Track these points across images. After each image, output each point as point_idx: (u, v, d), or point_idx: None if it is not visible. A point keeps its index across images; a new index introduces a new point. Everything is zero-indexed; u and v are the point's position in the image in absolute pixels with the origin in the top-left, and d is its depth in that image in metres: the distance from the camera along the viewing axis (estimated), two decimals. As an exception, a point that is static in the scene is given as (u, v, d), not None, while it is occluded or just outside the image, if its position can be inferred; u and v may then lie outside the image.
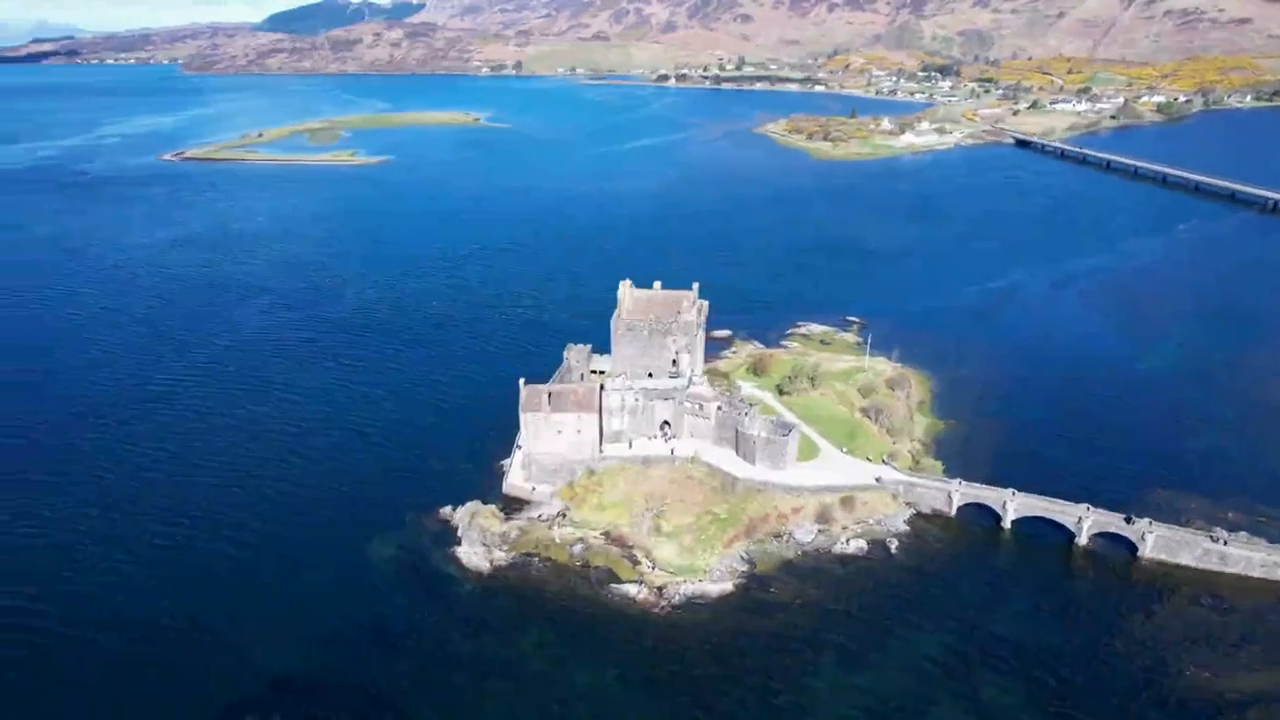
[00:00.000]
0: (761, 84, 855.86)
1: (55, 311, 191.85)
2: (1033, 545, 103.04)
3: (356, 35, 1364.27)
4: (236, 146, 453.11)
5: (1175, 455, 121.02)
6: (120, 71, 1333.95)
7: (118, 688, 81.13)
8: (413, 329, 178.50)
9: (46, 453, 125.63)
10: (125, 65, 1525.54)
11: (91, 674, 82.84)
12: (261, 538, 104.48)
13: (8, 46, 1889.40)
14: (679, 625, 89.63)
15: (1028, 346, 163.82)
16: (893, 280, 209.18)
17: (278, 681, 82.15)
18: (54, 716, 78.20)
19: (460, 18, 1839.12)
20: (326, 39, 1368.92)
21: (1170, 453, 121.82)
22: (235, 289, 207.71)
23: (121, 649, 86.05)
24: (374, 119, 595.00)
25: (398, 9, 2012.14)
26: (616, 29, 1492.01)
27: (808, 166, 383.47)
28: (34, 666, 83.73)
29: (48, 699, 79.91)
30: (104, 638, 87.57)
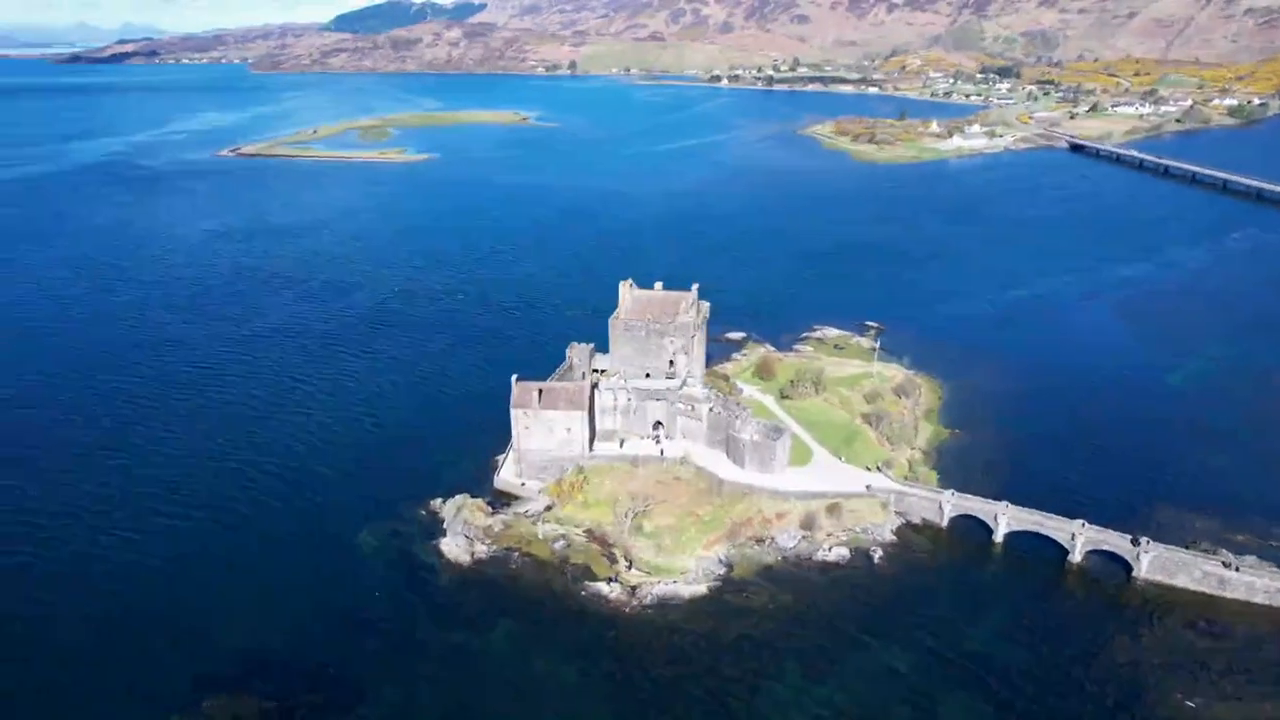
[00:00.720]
0: (814, 85, 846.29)
1: (97, 296, 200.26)
2: (1024, 561, 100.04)
3: (416, 35, 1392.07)
4: (290, 143, 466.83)
5: (1189, 473, 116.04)
6: (193, 71, 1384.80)
7: (93, 661, 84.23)
8: (428, 323, 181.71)
9: (51, 429, 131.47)
10: (198, 65, 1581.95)
11: (68, 646, 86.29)
12: (254, 520, 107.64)
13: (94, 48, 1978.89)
14: (647, 625, 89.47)
15: (1049, 357, 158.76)
16: (918, 285, 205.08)
17: (249, 660, 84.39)
18: (27, 688, 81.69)
19: (520, 18, 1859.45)
20: (387, 39, 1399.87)
21: (1185, 471, 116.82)
22: (266, 280, 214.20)
23: (100, 623, 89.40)
24: (425, 117, 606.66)
25: (459, 9, 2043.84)
26: (673, 29, 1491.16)
27: (849, 169, 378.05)
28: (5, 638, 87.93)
29: (19, 668, 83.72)
30: (85, 610, 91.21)
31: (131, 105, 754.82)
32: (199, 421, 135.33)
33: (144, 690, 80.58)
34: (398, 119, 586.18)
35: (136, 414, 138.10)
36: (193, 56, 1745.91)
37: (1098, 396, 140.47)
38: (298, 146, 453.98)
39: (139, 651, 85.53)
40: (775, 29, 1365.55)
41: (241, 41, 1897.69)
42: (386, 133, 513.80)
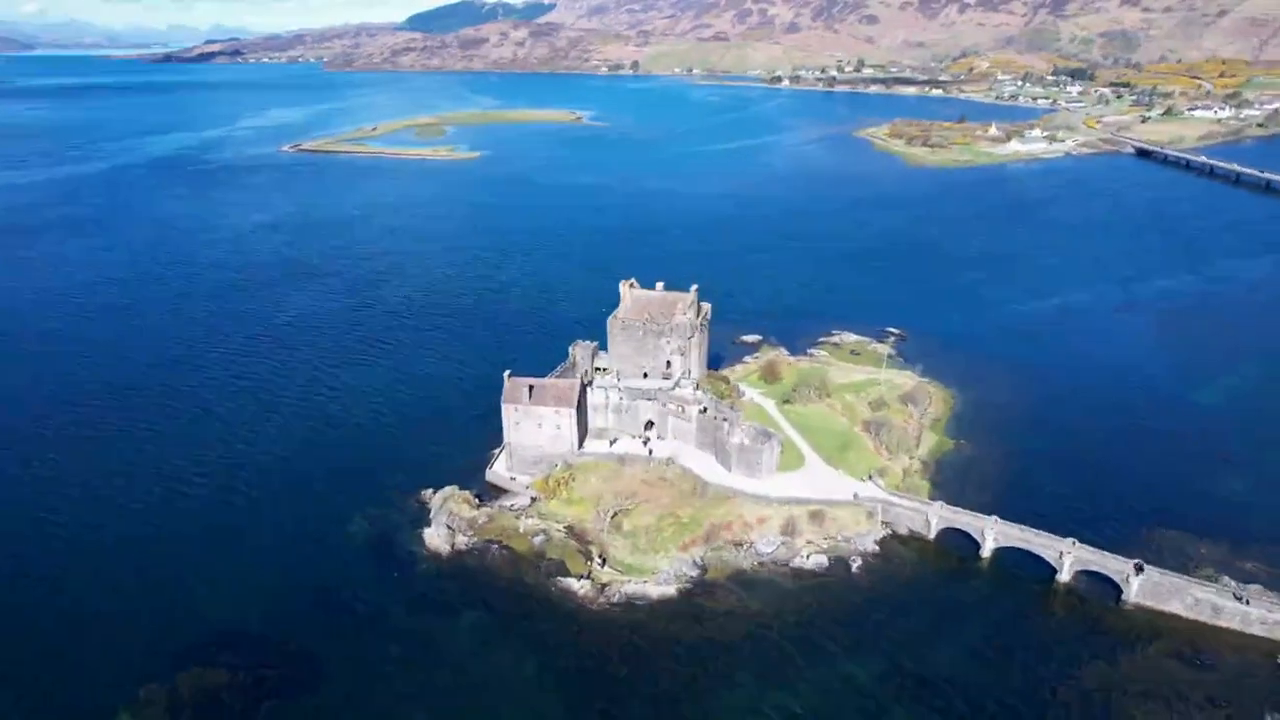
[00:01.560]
0: (876, 87, 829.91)
1: (145, 284, 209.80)
2: (1009, 578, 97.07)
3: (484, 34, 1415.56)
4: (348, 139, 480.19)
5: (1202, 496, 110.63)
6: (271, 70, 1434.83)
7: (81, 626, 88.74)
8: (449, 316, 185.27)
9: (74, 405, 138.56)
10: (277, 64, 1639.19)
11: (61, 610, 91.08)
12: (252, 503, 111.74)
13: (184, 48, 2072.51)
14: (611, 623, 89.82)
15: (1073, 368, 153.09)
16: (950, 291, 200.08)
17: (226, 634, 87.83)
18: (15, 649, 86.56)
19: (588, 18, 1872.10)
20: (455, 38, 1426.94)
21: (1197, 493, 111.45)
22: (302, 271, 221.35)
23: (93, 591, 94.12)
24: (481, 115, 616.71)
25: (529, 9, 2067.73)
26: (739, 29, 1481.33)
27: (898, 172, 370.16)
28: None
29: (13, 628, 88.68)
30: (81, 577, 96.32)
31: (208, 102, 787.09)
32: (216, 404, 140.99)
33: (124, 658, 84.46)
34: (454, 117, 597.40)
35: (158, 396, 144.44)
36: (273, 55, 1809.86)
37: (1117, 411, 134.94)
38: (355, 143, 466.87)
39: (125, 620, 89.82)
40: (842, 29, 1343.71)
41: (319, 41, 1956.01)
42: (442, 130, 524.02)
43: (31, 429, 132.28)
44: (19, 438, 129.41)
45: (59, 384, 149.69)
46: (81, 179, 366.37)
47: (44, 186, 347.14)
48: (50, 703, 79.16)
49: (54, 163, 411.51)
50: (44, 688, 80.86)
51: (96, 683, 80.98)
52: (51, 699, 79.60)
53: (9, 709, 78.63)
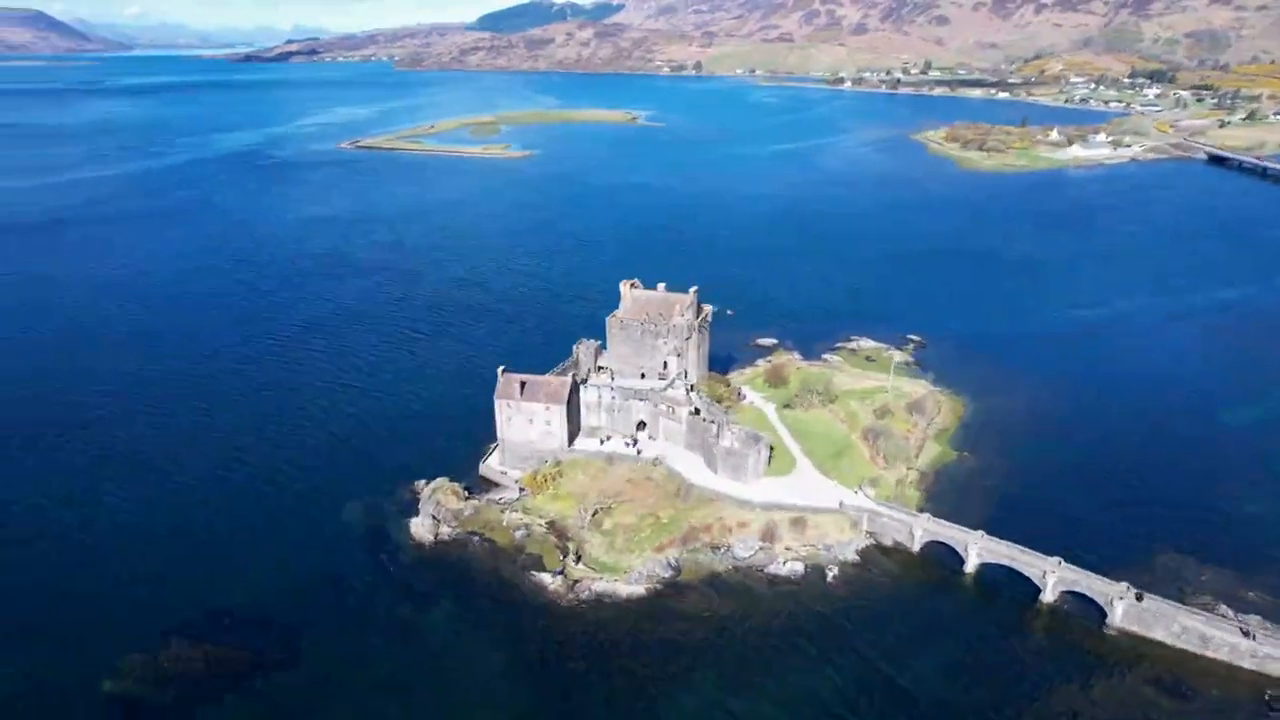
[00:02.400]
0: (941, 90, 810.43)
1: (201, 276, 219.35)
2: (991, 595, 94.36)
3: (550, 34, 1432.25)
4: (406, 137, 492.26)
5: (1214, 520, 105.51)
6: (344, 68, 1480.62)
7: (68, 600, 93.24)
8: (473, 313, 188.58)
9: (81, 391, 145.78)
10: (351, 63, 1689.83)
11: (58, 579, 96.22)
12: (253, 485, 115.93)
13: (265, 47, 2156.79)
14: (579, 619, 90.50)
15: (1101, 382, 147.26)
16: (982, 298, 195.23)
17: (212, 610, 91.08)
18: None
19: (655, 18, 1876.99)
20: (522, 38, 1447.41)
21: (1209, 517, 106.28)
22: (345, 265, 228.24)
23: (92, 564, 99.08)
24: (539, 115, 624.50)
25: (598, 9, 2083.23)
26: (805, 30, 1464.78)
27: (949, 176, 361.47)
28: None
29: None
30: (81, 550, 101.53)
31: (280, 100, 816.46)
32: (240, 390, 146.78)
33: (113, 628, 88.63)
34: (511, 116, 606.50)
35: (191, 381, 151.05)
36: (347, 55, 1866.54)
37: (1137, 428, 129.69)
38: (411, 140, 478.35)
39: (114, 592, 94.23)
40: (911, 31, 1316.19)
41: (392, 40, 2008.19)
42: (497, 129, 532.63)
43: (52, 406, 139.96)
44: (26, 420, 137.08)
45: (87, 367, 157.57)
46: (157, 173, 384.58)
47: (122, 180, 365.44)
48: (36, 667, 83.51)
49: (134, 157, 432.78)
50: (31, 652, 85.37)
51: (82, 651, 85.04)
52: (37, 664, 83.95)
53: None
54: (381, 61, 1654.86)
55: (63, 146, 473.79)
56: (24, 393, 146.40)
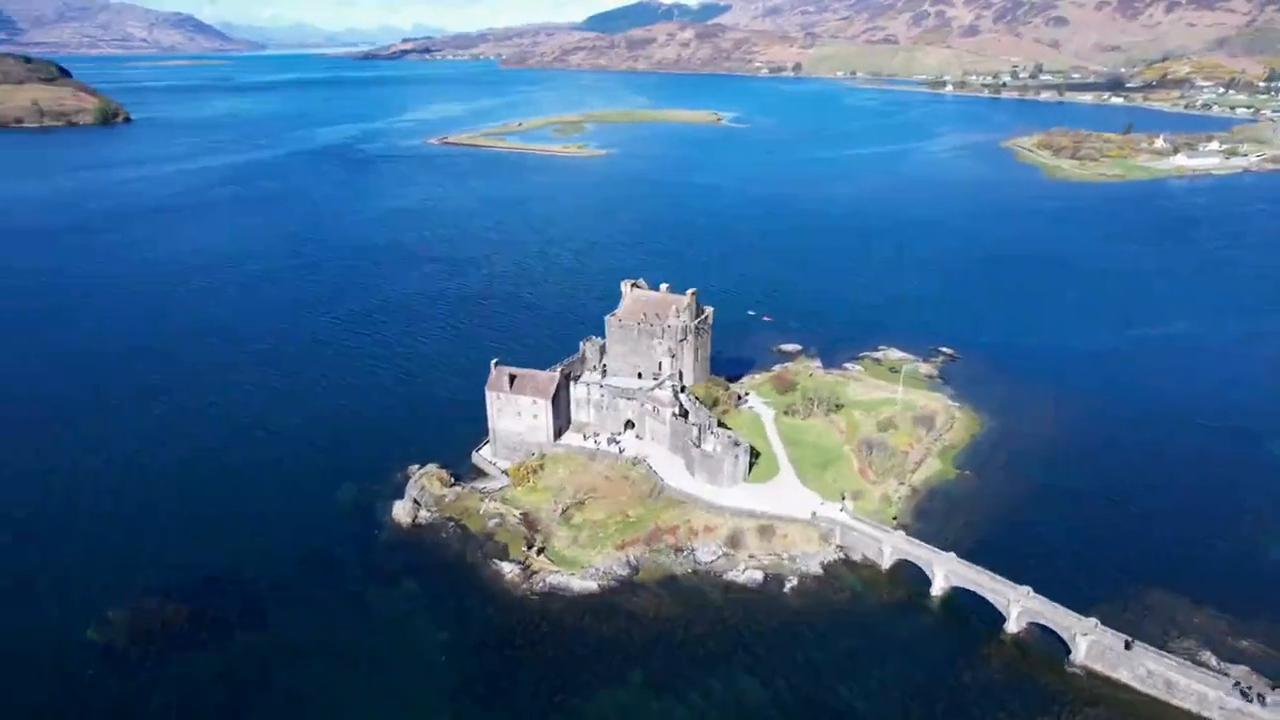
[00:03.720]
0: (1048, 94, 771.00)
1: (258, 259, 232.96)
2: (954, 620, 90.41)
3: (651, 35, 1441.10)
4: (492, 134, 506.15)
5: (1223, 562, 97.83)
6: (452, 66, 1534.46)
7: (63, 553, 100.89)
8: (510, 306, 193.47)
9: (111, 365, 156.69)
10: (460, 61, 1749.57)
11: (49, 534, 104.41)
12: (259, 462, 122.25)
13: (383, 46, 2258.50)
14: (527, 609, 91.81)
15: (1140, 407, 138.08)
16: (1033, 311, 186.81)
17: (194, 571, 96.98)
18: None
19: (761, 18, 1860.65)
20: (624, 38, 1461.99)
21: (1220, 559, 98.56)
22: (403, 255, 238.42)
23: (92, 522, 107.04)
24: (626, 114, 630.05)
25: (705, 10, 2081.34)
26: (914, 32, 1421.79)
27: (1032, 185, 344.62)
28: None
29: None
30: (82, 508, 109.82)
31: (384, 96, 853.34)
32: (270, 368, 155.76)
33: (103, 583, 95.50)
34: (598, 115, 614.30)
35: (227, 357, 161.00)
36: (458, 53, 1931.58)
37: (1165, 459, 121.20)
38: (496, 137, 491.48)
39: (114, 550, 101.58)
40: (1026, 32, 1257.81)
41: (502, 40, 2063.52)
42: (582, 127, 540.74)
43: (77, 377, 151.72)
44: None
45: (113, 340, 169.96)
46: (256, 164, 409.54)
47: (224, 170, 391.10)
48: (25, 613, 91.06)
49: (241, 149, 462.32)
50: (28, 599, 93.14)
51: (70, 602, 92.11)
52: (32, 609, 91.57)
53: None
54: (488, 60, 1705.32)
55: (185, 138, 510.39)
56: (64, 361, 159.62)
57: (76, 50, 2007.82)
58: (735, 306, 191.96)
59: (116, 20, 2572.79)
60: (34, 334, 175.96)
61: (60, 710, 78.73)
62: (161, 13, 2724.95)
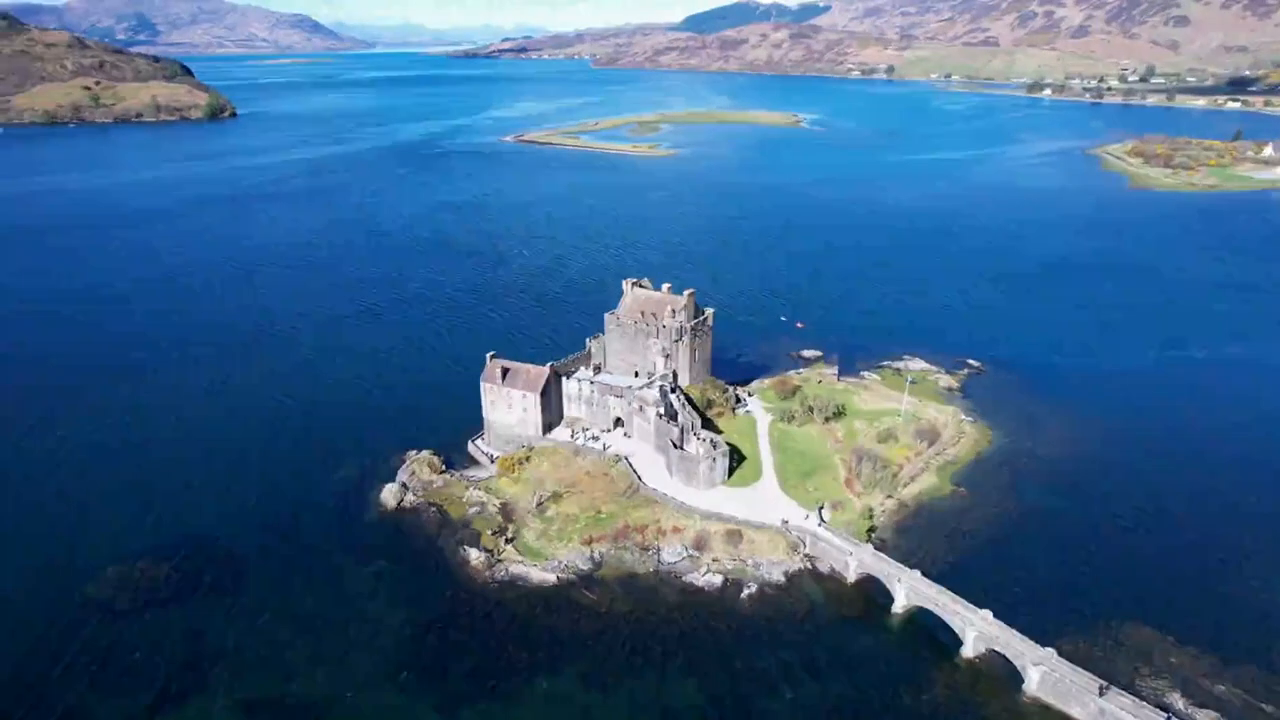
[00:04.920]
0: (1156, 98, 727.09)
1: (311, 248, 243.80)
2: (911, 640, 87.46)
3: (744, 35, 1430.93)
4: (567, 133, 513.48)
5: (1217, 602, 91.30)
6: (546, 65, 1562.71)
7: (71, 515, 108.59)
8: (538, 300, 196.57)
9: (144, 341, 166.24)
10: (555, 60, 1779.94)
11: (57, 495, 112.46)
12: (266, 439, 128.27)
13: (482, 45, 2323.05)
14: (483, 596, 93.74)
15: (1166, 433, 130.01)
16: (1078, 326, 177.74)
17: (190, 536, 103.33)
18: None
19: (861, 19, 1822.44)
20: (716, 38, 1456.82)
21: (1214, 599, 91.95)
22: (447, 246, 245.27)
23: (90, 484, 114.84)
24: (704, 115, 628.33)
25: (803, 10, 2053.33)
26: (1019, 33, 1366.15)
27: (1113, 194, 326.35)
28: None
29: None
30: (93, 471, 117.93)
31: (474, 94, 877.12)
32: (295, 349, 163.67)
33: (103, 542, 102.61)
34: (676, 115, 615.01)
35: (254, 339, 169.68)
36: (553, 52, 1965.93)
37: (1180, 489, 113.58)
38: (570, 136, 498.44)
39: (115, 511, 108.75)
40: (1142, 32, 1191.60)
41: (596, 39, 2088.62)
42: (657, 127, 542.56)
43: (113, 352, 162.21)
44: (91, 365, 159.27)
45: (158, 319, 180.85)
46: (336, 157, 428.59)
47: (306, 162, 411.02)
48: (30, 565, 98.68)
49: (325, 143, 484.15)
50: (33, 553, 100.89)
51: (72, 561, 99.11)
52: (32, 564, 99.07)
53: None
54: (582, 60, 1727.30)
55: (279, 132, 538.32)
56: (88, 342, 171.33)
57: (205, 50, 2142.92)
58: (769, 311, 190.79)
59: (241, 22, 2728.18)
60: (87, 313, 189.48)
61: (57, 655, 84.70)
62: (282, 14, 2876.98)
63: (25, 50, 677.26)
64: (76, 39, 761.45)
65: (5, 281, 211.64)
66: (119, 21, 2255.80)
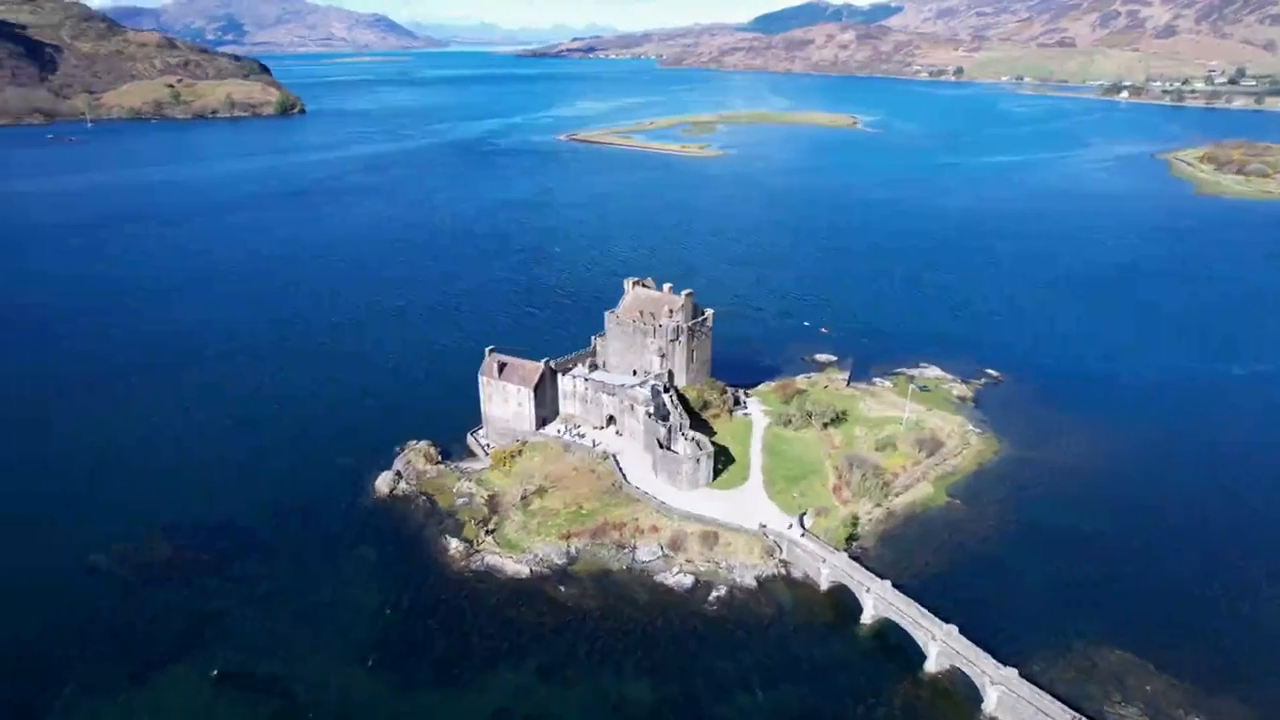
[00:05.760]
0: (1242, 100, 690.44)
1: (354, 244, 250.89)
2: (876, 652, 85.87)
3: (810, 36, 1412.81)
4: (621, 132, 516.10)
5: (1208, 632, 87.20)
6: (611, 65, 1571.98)
7: (81, 489, 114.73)
8: (567, 298, 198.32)
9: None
10: (621, 60, 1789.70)
11: (69, 471, 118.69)
12: (276, 426, 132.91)
13: (551, 44, 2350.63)
14: (456, 584, 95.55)
15: (1185, 452, 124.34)
16: (1110, 338, 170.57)
17: (192, 515, 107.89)
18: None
19: (934, 21, 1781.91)
20: (782, 39, 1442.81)
21: (1205, 628, 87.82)
22: (489, 244, 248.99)
23: (111, 470, 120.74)
24: (759, 115, 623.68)
25: (875, 10, 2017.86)
26: (1099, 34, 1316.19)
27: (1178, 201, 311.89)
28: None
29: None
30: (102, 459, 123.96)
31: (536, 93, 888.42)
32: (322, 342, 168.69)
33: (112, 519, 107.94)
34: (732, 116, 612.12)
35: (284, 331, 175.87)
36: (620, 52, 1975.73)
37: (1185, 513, 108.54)
38: (623, 135, 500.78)
39: (122, 490, 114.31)
40: (1235, 32, 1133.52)
41: (663, 39, 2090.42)
42: (712, 128, 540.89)
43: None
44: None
45: (183, 311, 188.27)
46: (394, 153, 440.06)
47: (364, 158, 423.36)
48: (44, 537, 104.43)
49: (387, 139, 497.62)
50: (52, 528, 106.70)
51: (81, 534, 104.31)
52: (44, 536, 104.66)
53: (11, 533, 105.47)
54: (648, 60, 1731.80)
55: (344, 129, 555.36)
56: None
57: (287, 49, 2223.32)
58: (795, 314, 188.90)
59: (323, 21, 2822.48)
60: (139, 303, 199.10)
61: (55, 619, 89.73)
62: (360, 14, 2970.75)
63: (120, 51, 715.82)
64: (166, 39, 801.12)
65: (46, 270, 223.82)
66: (210, 22, 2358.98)
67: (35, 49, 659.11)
